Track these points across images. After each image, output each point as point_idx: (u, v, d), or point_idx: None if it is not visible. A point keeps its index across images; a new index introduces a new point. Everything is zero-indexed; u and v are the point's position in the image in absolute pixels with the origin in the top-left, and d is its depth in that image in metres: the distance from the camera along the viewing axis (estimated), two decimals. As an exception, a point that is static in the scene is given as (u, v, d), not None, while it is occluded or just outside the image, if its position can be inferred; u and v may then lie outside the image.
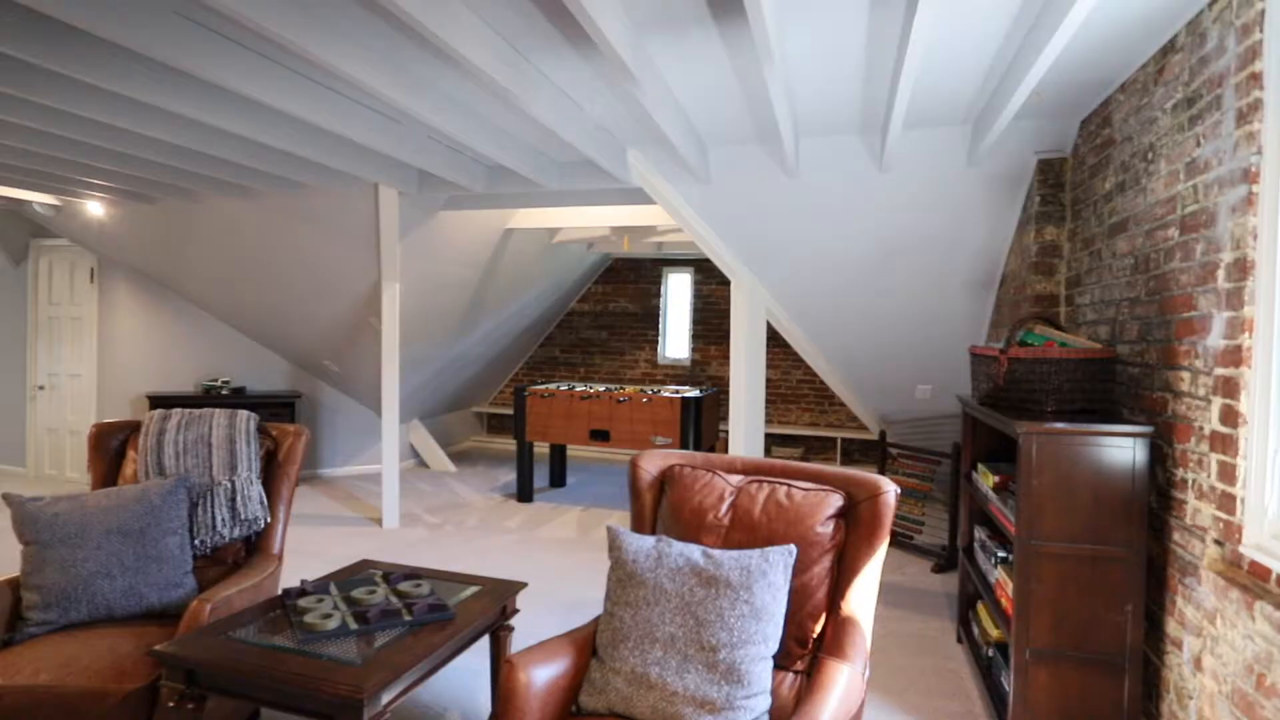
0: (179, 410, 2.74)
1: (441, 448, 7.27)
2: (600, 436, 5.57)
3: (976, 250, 3.97)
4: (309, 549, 4.58)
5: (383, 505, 5.08)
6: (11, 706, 1.97)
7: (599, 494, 6.24)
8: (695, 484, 2.15)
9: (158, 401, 5.88)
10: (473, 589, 2.32)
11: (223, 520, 2.54)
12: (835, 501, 2.00)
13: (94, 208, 5.63)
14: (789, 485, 2.07)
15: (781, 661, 1.92)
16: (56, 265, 6.49)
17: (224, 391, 6.12)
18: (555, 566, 4.35)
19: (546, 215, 5.80)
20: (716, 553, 1.87)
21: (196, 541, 2.52)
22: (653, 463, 2.28)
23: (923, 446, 5.16)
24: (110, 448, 2.70)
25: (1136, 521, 2.21)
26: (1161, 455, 2.30)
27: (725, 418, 7.48)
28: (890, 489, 1.96)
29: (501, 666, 1.83)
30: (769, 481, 2.10)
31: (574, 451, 8.03)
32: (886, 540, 1.95)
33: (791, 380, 7.60)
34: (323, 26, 2.44)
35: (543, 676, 1.82)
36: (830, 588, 1.95)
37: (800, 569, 1.93)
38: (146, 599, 2.33)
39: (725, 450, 7.10)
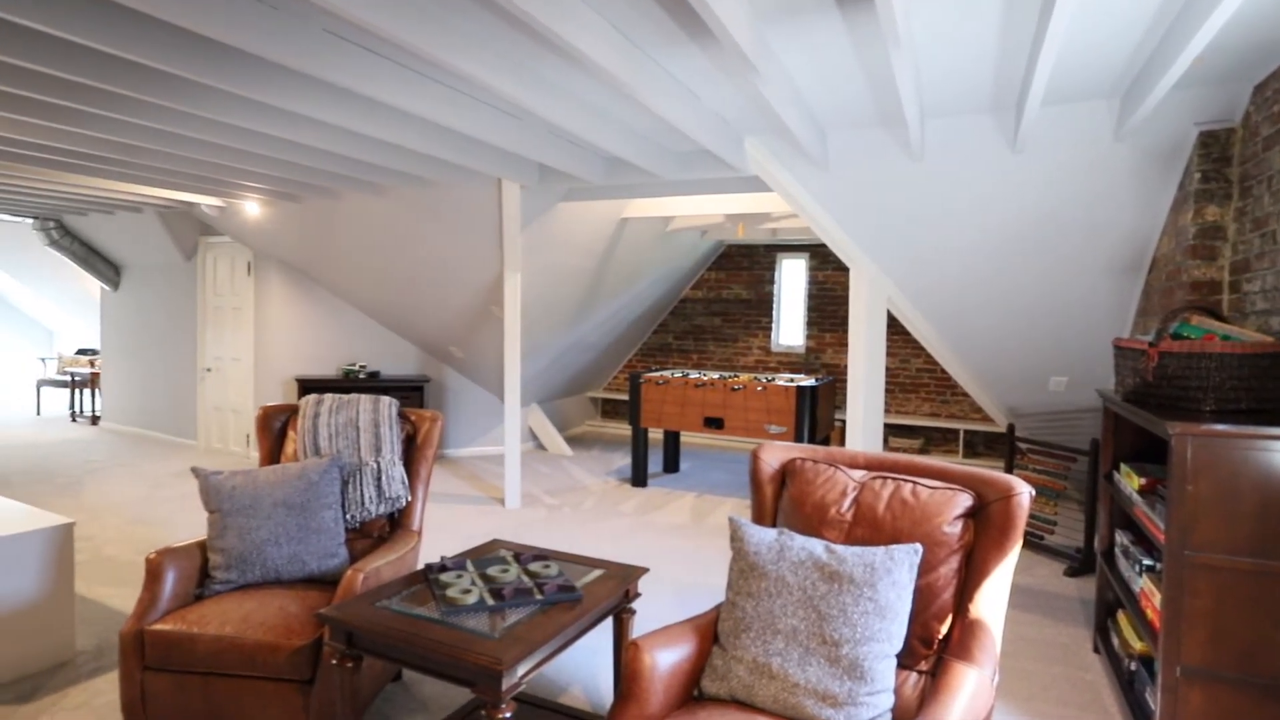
0: (330, 395, 3.00)
1: (558, 431, 7.53)
2: (714, 424, 5.60)
3: (1122, 233, 3.68)
4: (439, 524, 4.89)
5: (505, 486, 5.33)
6: (204, 651, 2.25)
7: (712, 481, 6.28)
8: (817, 478, 2.15)
9: (305, 384, 6.42)
10: (597, 572, 2.42)
11: (370, 497, 2.77)
12: (964, 501, 1.94)
13: (251, 208, 6.19)
14: (914, 483, 2.03)
15: (905, 660, 1.89)
16: (220, 260, 7.20)
17: (361, 375, 6.60)
18: (669, 551, 4.44)
19: (661, 204, 5.86)
20: (839, 548, 1.87)
21: (347, 516, 2.76)
22: (774, 455, 2.29)
23: (1056, 442, 4.86)
24: (274, 428, 3.00)
25: (1312, 534, 2.01)
26: (1345, 461, 2.07)
27: (841, 407, 7.31)
28: (1024, 490, 1.88)
29: (626, 648, 1.91)
30: (893, 478, 2.07)
31: (687, 438, 8.10)
32: (1019, 544, 1.87)
33: (911, 369, 7.33)
34: (454, 34, 2.58)
35: (666, 660, 1.88)
36: (957, 589, 1.90)
37: (926, 568, 1.90)
38: (307, 565, 2.58)
39: (841, 440, 6.96)
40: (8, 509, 3.09)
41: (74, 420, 8.83)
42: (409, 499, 2.84)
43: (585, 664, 3.02)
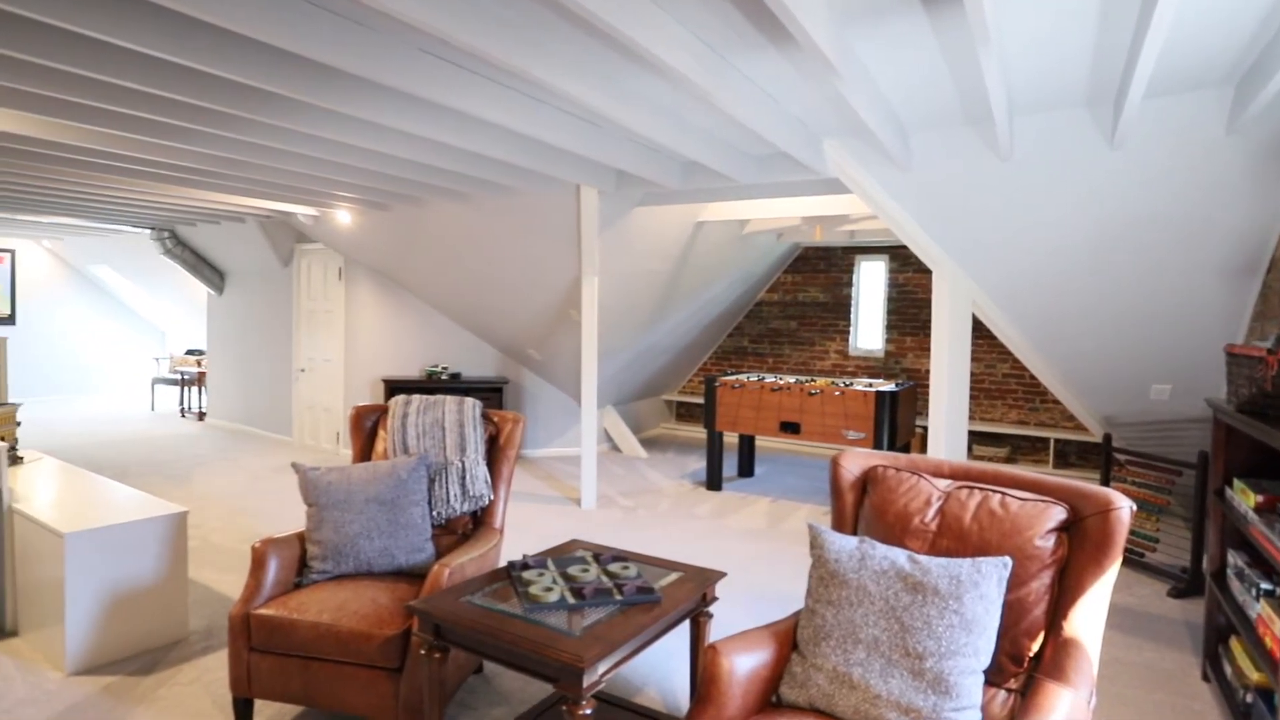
0: (418, 396, 3.13)
1: (633, 433, 7.59)
2: (790, 429, 5.54)
3: (1235, 232, 3.45)
4: (517, 523, 5.01)
5: (581, 486, 5.42)
6: (303, 637, 2.39)
7: (788, 486, 6.21)
8: (900, 487, 2.10)
9: (391, 384, 6.69)
10: (675, 574, 2.44)
11: (455, 495, 2.88)
12: (1057, 514, 1.87)
13: (342, 216, 6.51)
14: (1003, 494, 1.96)
15: (993, 677, 1.83)
16: (314, 266, 7.58)
17: (443, 376, 6.83)
18: (744, 556, 4.41)
19: (737, 207, 5.84)
20: (923, 559, 1.83)
21: (434, 513, 2.88)
22: (855, 462, 2.26)
23: (1158, 453, 4.58)
24: (366, 427, 3.15)
25: None
26: None
27: (922, 413, 7.10)
28: (1124, 505, 1.80)
29: (703, 652, 1.92)
30: (981, 488, 2.01)
31: (762, 442, 8.04)
32: (1118, 561, 1.79)
33: (997, 374, 7.05)
34: (540, 48, 2.66)
35: (744, 665, 1.89)
36: (1050, 605, 1.83)
37: (1016, 583, 1.83)
38: (396, 559, 2.70)
39: (922, 448, 6.76)
40: (130, 497, 3.36)
41: (183, 416, 9.47)
42: (491, 498, 2.94)
43: (661, 665, 3.04)
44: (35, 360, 10.55)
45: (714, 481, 5.96)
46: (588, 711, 1.86)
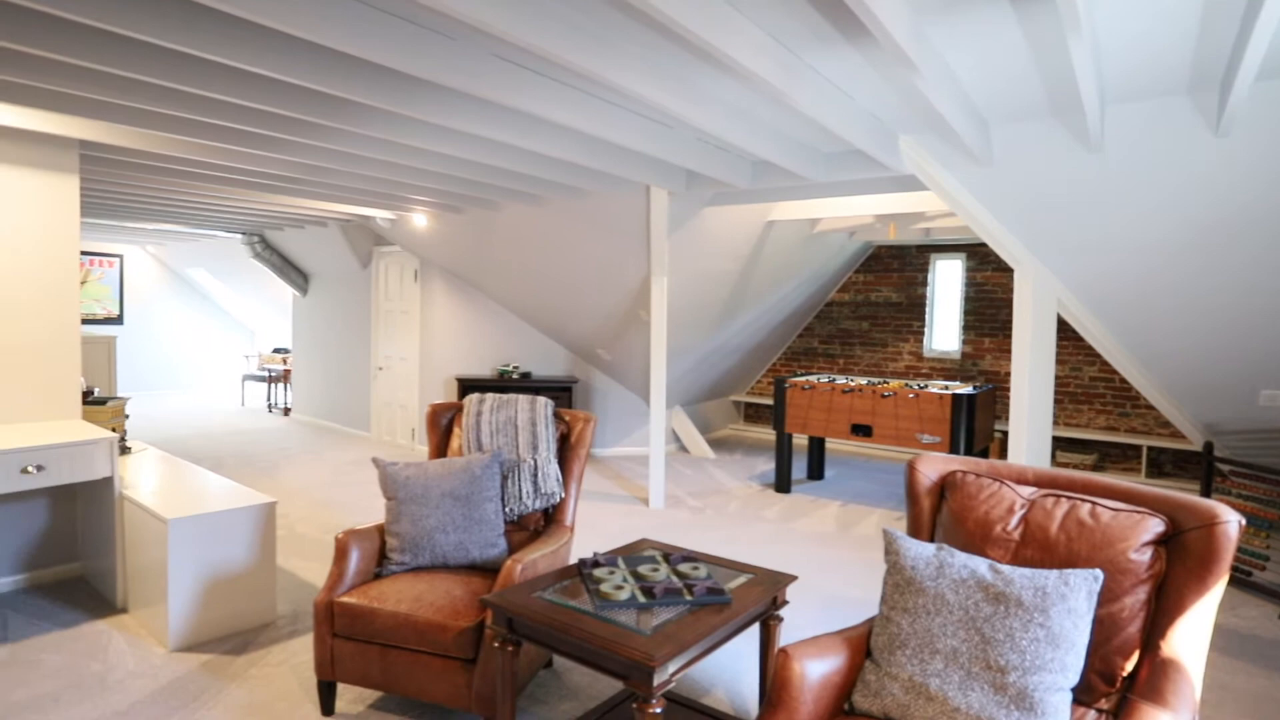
0: (491, 395, 3.20)
1: (701, 434, 7.57)
2: (862, 431, 5.42)
3: (1358, 225, 3.19)
4: (586, 521, 5.07)
5: (649, 486, 5.44)
6: (382, 625, 2.48)
7: (858, 490, 6.08)
8: (980, 493, 2.03)
9: (464, 383, 6.87)
10: (745, 576, 2.43)
11: (527, 492, 2.93)
12: (1154, 526, 1.77)
13: (418, 219, 6.72)
14: (1093, 503, 1.87)
15: (1082, 696, 1.75)
16: (391, 268, 7.86)
17: (514, 376, 6.97)
18: (814, 560, 4.34)
19: (808, 206, 5.75)
20: (1006, 568, 1.76)
21: (506, 509, 2.94)
22: (932, 467, 2.19)
23: (1268, 464, 4.28)
24: (441, 424, 3.24)
25: None
26: None
27: (1001, 417, 6.84)
28: (1232, 519, 1.69)
29: (774, 655, 1.91)
30: (1068, 497, 1.92)
31: (833, 445, 7.90)
32: (1224, 579, 1.68)
33: (1083, 378, 6.72)
34: (614, 51, 2.68)
35: (816, 671, 1.86)
36: (1145, 623, 1.73)
37: (1107, 598, 1.74)
38: (470, 553, 2.77)
39: (1000, 453, 6.51)
40: (225, 487, 3.56)
41: (270, 411, 9.96)
42: (563, 495, 2.98)
43: (729, 668, 3.03)
44: (139, 358, 11.29)
45: (783, 484, 5.88)
46: (658, 710, 1.86)
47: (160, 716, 2.56)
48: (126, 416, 4.59)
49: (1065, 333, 6.57)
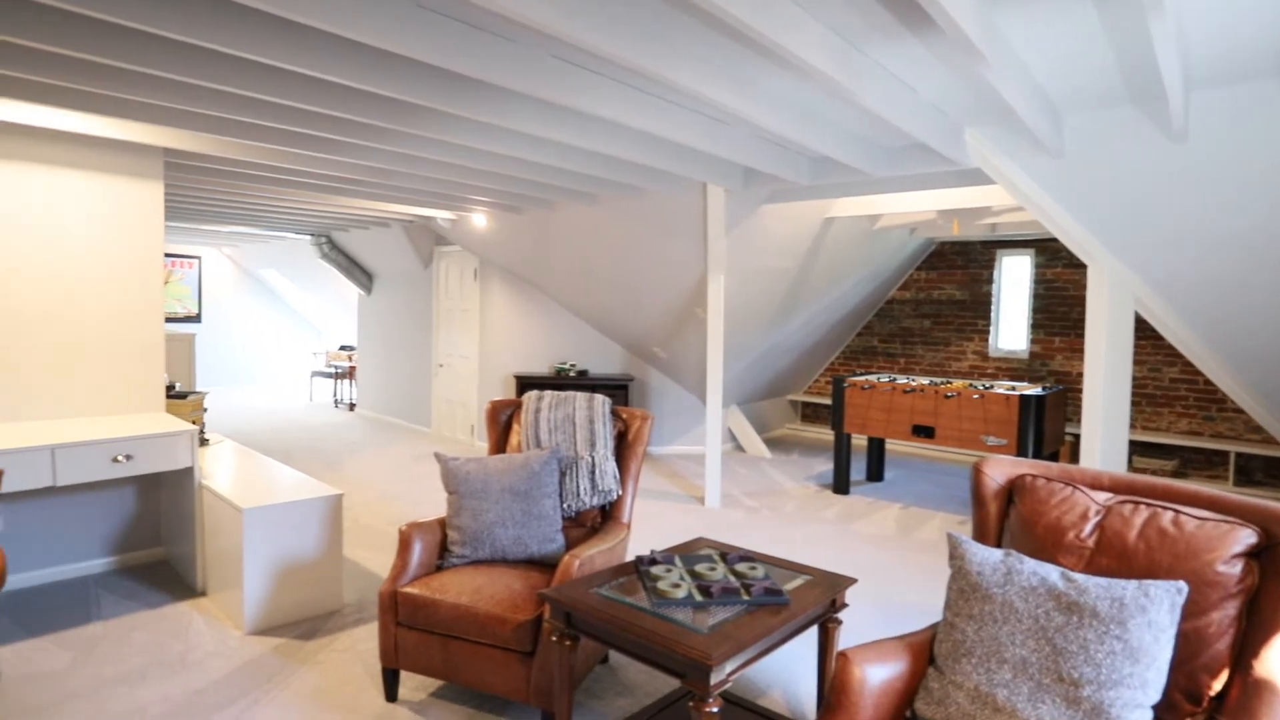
0: (549, 392, 3.24)
1: (757, 433, 7.51)
2: (923, 433, 5.29)
3: None
4: (641, 519, 5.08)
5: (705, 485, 5.42)
6: (444, 616, 2.54)
7: (919, 492, 5.93)
8: (1051, 498, 1.96)
9: (522, 381, 6.97)
10: (804, 578, 2.40)
11: (584, 489, 2.96)
12: (1245, 537, 1.67)
13: (478, 219, 6.85)
14: (1176, 511, 1.78)
15: (1165, 715, 1.67)
16: (451, 267, 8.03)
17: (571, 373, 7.04)
18: (873, 563, 4.26)
19: (868, 202, 5.63)
20: (1079, 577, 1.69)
21: (564, 505, 2.97)
22: (999, 470, 2.12)
23: (1368, 472, 4.00)
24: (501, 421, 3.30)
25: None
26: None
27: (1073, 420, 6.57)
28: (1330, 529, 1.58)
29: (833, 659, 1.88)
30: (1148, 504, 1.83)
31: (893, 446, 7.73)
32: (1322, 591, 1.58)
33: (1163, 379, 6.40)
34: (672, 49, 2.68)
35: (877, 676, 1.82)
36: (1235, 640, 1.64)
37: (1193, 612, 1.66)
38: (529, 548, 2.82)
39: (1071, 457, 6.26)
40: (294, 478, 3.70)
41: (336, 406, 10.31)
42: (620, 493, 3.00)
43: (786, 670, 2.99)
44: (214, 354, 11.82)
45: (841, 485, 5.79)
46: (715, 709, 1.86)
47: (236, 696, 2.68)
48: (205, 410, 4.82)
49: (1143, 331, 6.28)
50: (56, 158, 3.73)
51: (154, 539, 4.06)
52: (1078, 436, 6.38)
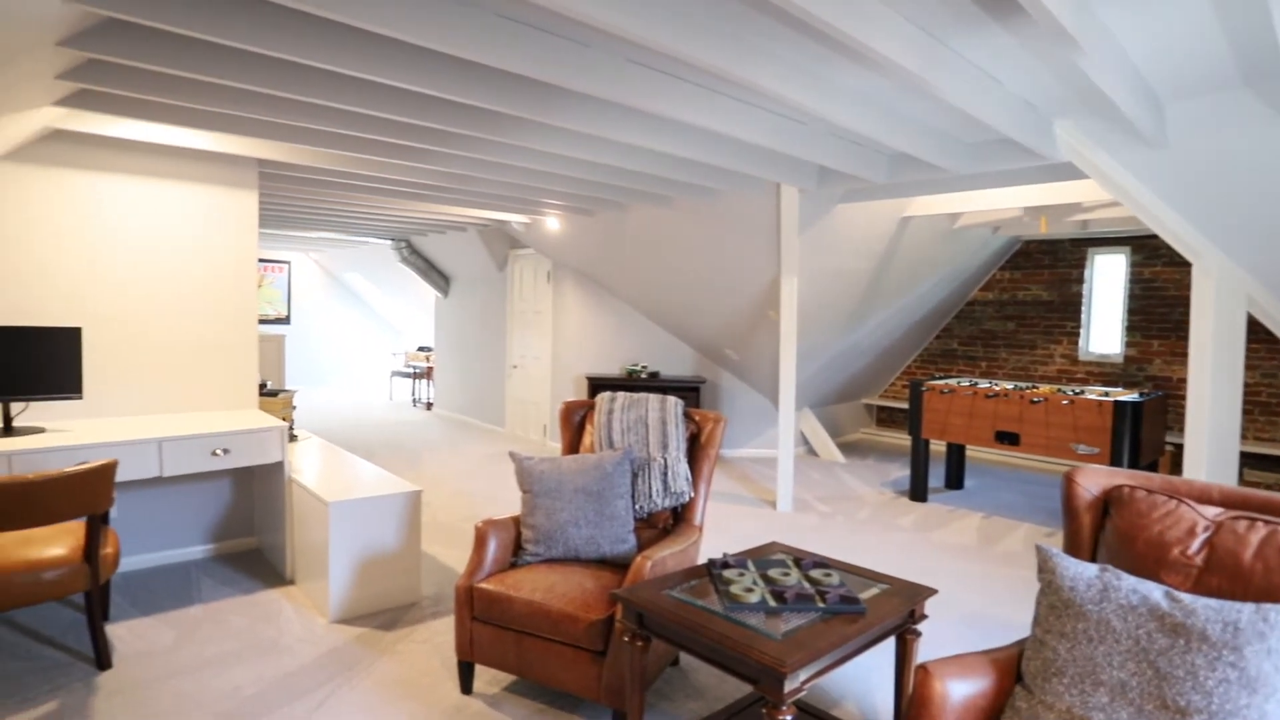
0: (622, 394, 3.26)
1: (830, 438, 7.36)
2: (1007, 439, 5.07)
3: None
4: (712, 522, 5.05)
5: (777, 489, 5.34)
6: (518, 612, 2.58)
7: (1002, 502, 5.69)
8: (1153, 512, 1.84)
9: (594, 382, 7.04)
10: (881, 586, 2.33)
11: (656, 491, 2.96)
12: (1377, 558, 1.53)
13: (551, 222, 6.95)
14: (1297, 528, 1.64)
15: (1281, 746, 1.54)
16: (525, 270, 8.18)
17: (643, 375, 7.06)
18: (953, 574, 4.11)
19: (948, 200, 5.44)
20: (1186, 597, 1.58)
21: (636, 506, 2.98)
22: (1093, 480, 2.01)
23: None
24: (574, 421, 3.34)
25: None
26: None
27: (1173, 428, 6.18)
28: None
29: (912, 671, 1.81)
30: (1266, 521, 1.70)
31: (973, 452, 7.44)
32: None
33: (1278, 385, 5.94)
34: (748, 49, 2.65)
35: (959, 692, 1.75)
36: (1365, 669, 1.50)
37: (1315, 637, 1.52)
38: (601, 548, 2.84)
39: (1172, 468, 5.88)
40: (376, 474, 3.84)
41: (414, 405, 10.65)
42: (692, 495, 2.98)
43: (860, 681, 2.92)
44: (301, 355, 12.41)
45: (918, 492, 5.61)
46: (788, 717, 1.82)
47: (323, 681, 2.80)
48: (294, 408, 5.06)
49: (1256, 334, 5.84)
50: (161, 170, 3.99)
51: (247, 529, 4.29)
52: (1179, 446, 5.99)
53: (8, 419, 3.35)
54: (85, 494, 2.68)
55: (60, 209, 3.70)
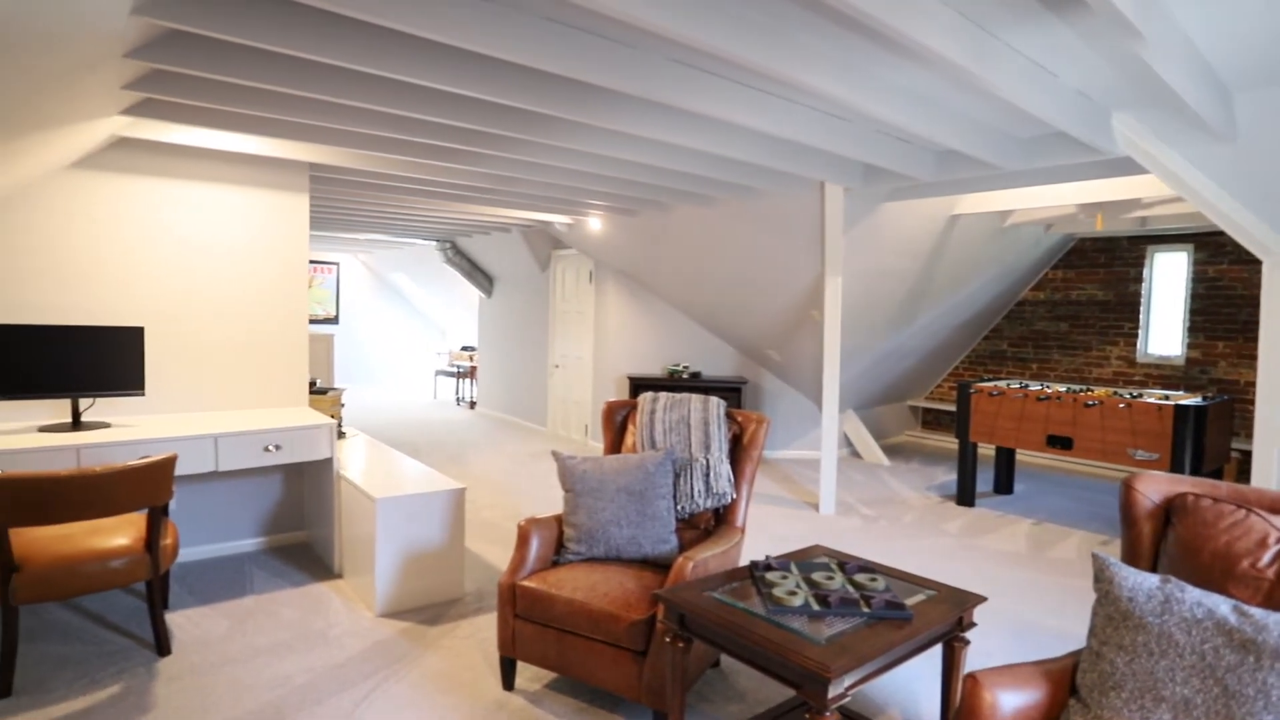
0: (664, 394, 3.25)
1: (875, 440, 7.24)
2: (1060, 444, 4.92)
3: None
4: (753, 523, 5.01)
5: (820, 491, 5.28)
6: (559, 610, 2.60)
7: (1053, 508, 5.52)
8: (1219, 521, 1.76)
9: (635, 382, 7.05)
10: (928, 592, 2.28)
11: (698, 491, 2.95)
12: None
13: (593, 223, 6.98)
14: (1378, 540, 1.56)
15: (1359, 770, 1.46)
16: (567, 270, 8.23)
17: (684, 375, 7.04)
18: (1002, 581, 4.00)
19: (999, 197, 5.31)
20: (1256, 612, 1.51)
21: (678, 507, 2.97)
22: (1154, 487, 1.94)
23: None
24: (616, 421, 3.34)
25: None
26: None
27: (1240, 434, 5.92)
28: None
29: (960, 680, 1.77)
30: (1342, 531, 1.61)
31: (1023, 457, 7.25)
32: None
33: (1353, 389, 5.63)
34: (791, 46, 2.62)
35: (1010, 703, 1.70)
36: None
37: (1398, 655, 1.44)
38: (643, 548, 2.83)
39: (1239, 476, 5.64)
40: (421, 472, 3.90)
41: (458, 404, 10.81)
42: (734, 496, 2.97)
43: (905, 688, 2.86)
44: (349, 354, 12.70)
45: (966, 496, 5.48)
46: (832, 724, 1.80)
47: (370, 673, 2.86)
48: (342, 405, 5.18)
49: (1327, 336, 5.56)
50: (218, 175, 4.13)
51: (297, 523, 4.40)
52: (1247, 453, 5.73)
53: (76, 414, 3.50)
54: (148, 486, 2.79)
55: (125, 213, 3.85)
